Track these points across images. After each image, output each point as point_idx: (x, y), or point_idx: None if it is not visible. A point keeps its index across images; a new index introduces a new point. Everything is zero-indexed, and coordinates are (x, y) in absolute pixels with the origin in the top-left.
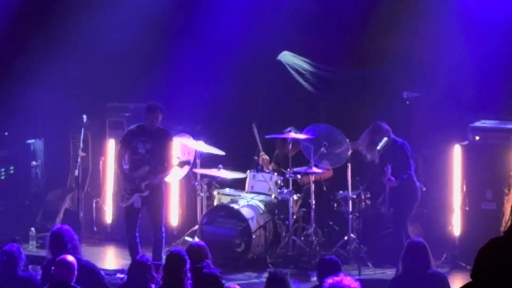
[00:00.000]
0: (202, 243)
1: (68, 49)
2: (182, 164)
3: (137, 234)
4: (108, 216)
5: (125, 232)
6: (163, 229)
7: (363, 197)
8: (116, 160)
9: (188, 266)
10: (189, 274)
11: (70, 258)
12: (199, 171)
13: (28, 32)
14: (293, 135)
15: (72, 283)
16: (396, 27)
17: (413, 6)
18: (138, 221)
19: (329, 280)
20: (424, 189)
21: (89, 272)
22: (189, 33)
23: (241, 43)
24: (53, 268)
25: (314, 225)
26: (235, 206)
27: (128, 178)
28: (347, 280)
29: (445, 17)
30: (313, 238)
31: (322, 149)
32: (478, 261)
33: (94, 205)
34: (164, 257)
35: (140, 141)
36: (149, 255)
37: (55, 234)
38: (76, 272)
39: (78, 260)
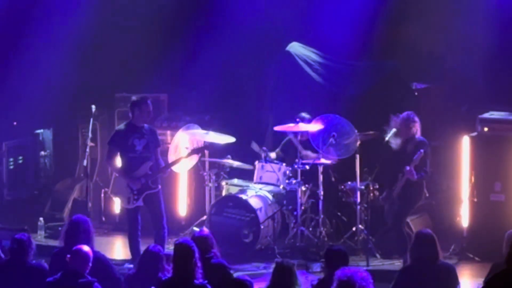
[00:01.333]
0: (206, 232)
1: (77, 39)
2: (194, 151)
3: (139, 233)
4: (117, 206)
5: (129, 232)
6: (165, 225)
7: (371, 188)
8: (109, 162)
9: (197, 255)
10: (199, 264)
11: (86, 248)
12: (208, 159)
13: (34, 22)
14: (301, 126)
15: (85, 273)
16: (406, 18)
17: None
18: (140, 220)
19: (339, 272)
20: (427, 195)
21: (100, 262)
22: (198, 24)
23: (251, 34)
24: (68, 256)
25: (322, 216)
26: (244, 196)
27: (132, 178)
28: (358, 271)
29: (455, 10)
30: (321, 229)
31: (331, 139)
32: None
33: (102, 195)
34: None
35: (135, 138)
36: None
37: (73, 223)
38: (90, 264)
39: (91, 250)
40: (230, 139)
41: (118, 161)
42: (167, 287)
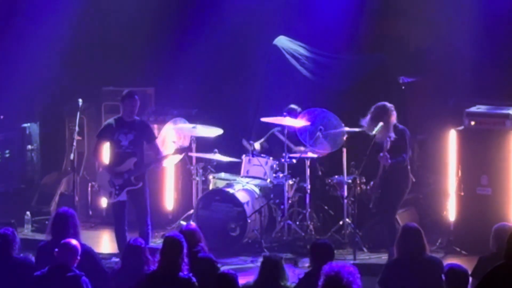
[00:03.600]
0: (194, 226)
1: (64, 33)
2: (178, 151)
3: (126, 228)
4: (104, 200)
5: (115, 227)
6: (149, 222)
7: (358, 181)
8: (96, 155)
9: (185, 250)
10: (186, 260)
11: (74, 242)
12: (195, 155)
13: (22, 15)
14: (288, 121)
15: (73, 267)
16: (393, 12)
17: None
18: (126, 215)
19: (327, 267)
20: (414, 180)
21: (87, 256)
22: (185, 17)
23: (238, 27)
24: (56, 250)
25: (309, 210)
26: (231, 190)
27: (114, 173)
28: (346, 265)
29: (441, 3)
30: (308, 222)
31: (318, 133)
32: (510, 245)
33: (89, 189)
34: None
35: (122, 133)
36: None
37: (60, 216)
38: (79, 257)
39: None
40: (218, 132)
41: (105, 155)
42: (152, 279)
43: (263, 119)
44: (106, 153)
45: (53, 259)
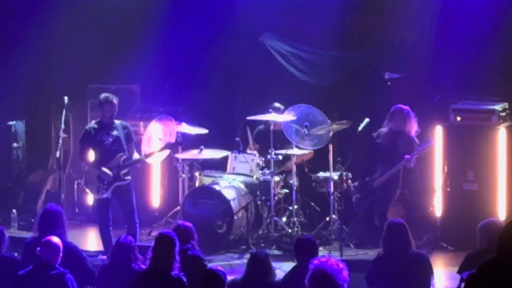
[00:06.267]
0: (188, 224)
1: (50, 30)
2: (165, 148)
3: (111, 228)
4: (90, 198)
5: (99, 224)
6: (137, 220)
7: (344, 178)
8: (83, 159)
9: (177, 248)
10: (177, 258)
11: (56, 239)
12: (181, 156)
13: (7, 13)
14: (274, 116)
15: (57, 265)
16: (378, 8)
17: None
18: (110, 213)
19: (315, 261)
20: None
21: (72, 253)
22: (171, 15)
23: (223, 24)
24: (38, 249)
25: (296, 206)
26: (217, 187)
27: (103, 170)
28: (332, 261)
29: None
30: (295, 219)
31: (304, 130)
32: (502, 240)
33: (75, 186)
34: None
35: (104, 133)
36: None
37: (48, 213)
38: (61, 254)
39: (62, 241)
40: (203, 131)
41: (91, 156)
42: (143, 278)
43: (249, 117)
44: (91, 156)
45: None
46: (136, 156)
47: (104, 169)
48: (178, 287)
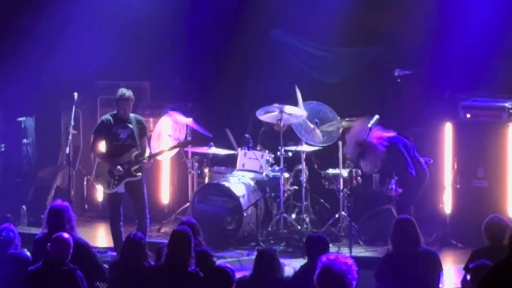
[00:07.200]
0: (192, 220)
1: (60, 26)
2: (178, 146)
3: (121, 224)
4: (99, 194)
5: (110, 219)
6: (147, 215)
7: (354, 174)
8: (94, 150)
9: (193, 245)
10: (193, 254)
11: (66, 235)
12: (191, 149)
13: (18, 8)
14: (285, 115)
15: (67, 261)
16: (388, 4)
17: None
18: (121, 208)
19: (323, 259)
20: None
21: (83, 250)
22: (180, 12)
23: (234, 21)
24: (49, 244)
25: (305, 203)
26: (226, 183)
27: (114, 164)
28: (341, 257)
29: None
30: (304, 215)
31: (313, 127)
32: None
33: (85, 182)
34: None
35: (119, 127)
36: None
37: (54, 210)
38: (71, 250)
39: (73, 237)
40: (208, 134)
41: (102, 147)
42: (160, 274)
43: (259, 115)
44: (103, 147)
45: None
46: (146, 153)
47: (119, 166)
48: (195, 282)
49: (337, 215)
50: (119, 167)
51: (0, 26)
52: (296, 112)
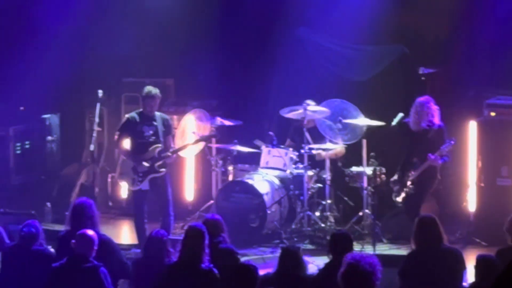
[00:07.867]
0: (217, 216)
1: (85, 24)
2: (201, 139)
3: (146, 220)
4: (123, 191)
5: (134, 216)
6: (172, 212)
7: (378, 172)
8: (119, 146)
9: (207, 241)
10: (207, 250)
11: (91, 232)
12: (215, 145)
13: (43, 7)
14: (309, 112)
15: (91, 258)
16: (413, 2)
17: None
18: (146, 205)
19: (348, 258)
20: (440, 178)
21: (107, 246)
22: (204, 9)
23: (259, 18)
24: (73, 241)
25: (329, 201)
26: (250, 181)
27: (138, 161)
28: (367, 257)
29: None
30: (328, 213)
31: (337, 124)
32: None
33: (109, 180)
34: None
35: (145, 124)
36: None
37: (77, 207)
38: (96, 247)
39: (97, 234)
40: (237, 122)
41: (127, 145)
42: (173, 270)
43: (284, 113)
44: (127, 145)
45: (73, 248)
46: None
47: (144, 162)
48: (209, 279)
49: (360, 213)
50: (144, 163)
51: (25, 24)
52: (319, 110)
